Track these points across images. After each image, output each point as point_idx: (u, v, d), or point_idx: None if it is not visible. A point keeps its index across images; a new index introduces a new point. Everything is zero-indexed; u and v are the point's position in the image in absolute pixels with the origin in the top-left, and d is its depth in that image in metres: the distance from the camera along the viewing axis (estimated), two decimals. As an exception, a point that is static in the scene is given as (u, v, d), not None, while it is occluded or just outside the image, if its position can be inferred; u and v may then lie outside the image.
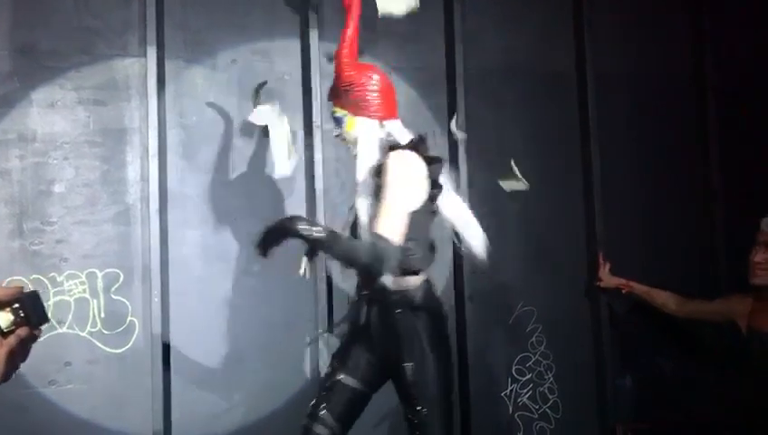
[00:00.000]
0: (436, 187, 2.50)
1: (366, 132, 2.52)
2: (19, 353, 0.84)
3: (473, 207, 3.58)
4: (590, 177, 3.89)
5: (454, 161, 3.66)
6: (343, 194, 3.51)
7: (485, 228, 3.65)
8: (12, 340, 0.83)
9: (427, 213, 2.51)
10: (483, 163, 3.75)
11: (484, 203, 3.71)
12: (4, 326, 0.82)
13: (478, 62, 3.81)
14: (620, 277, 3.73)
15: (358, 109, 2.53)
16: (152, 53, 3.29)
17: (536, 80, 3.92)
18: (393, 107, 2.60)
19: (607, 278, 3.75)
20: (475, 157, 3.72)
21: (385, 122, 2.55)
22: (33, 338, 0.86)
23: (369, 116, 2.53)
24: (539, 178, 3.82)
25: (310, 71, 3.51)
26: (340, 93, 2.57)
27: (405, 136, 2.55)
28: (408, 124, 3.66)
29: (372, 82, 2.55)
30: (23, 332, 0.84)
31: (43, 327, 3.18)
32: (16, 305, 0.81)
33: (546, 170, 3.86)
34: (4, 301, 0.83)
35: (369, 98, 2.53)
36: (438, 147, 3.70)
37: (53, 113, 3.27)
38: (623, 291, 3.72)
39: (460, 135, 3.38)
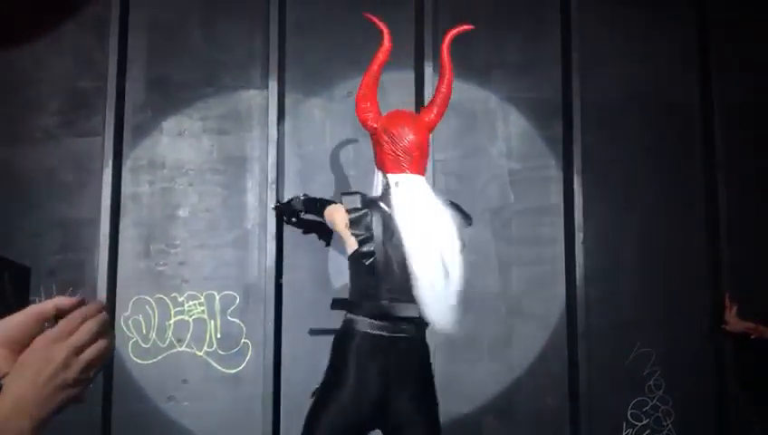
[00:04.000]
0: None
1: None
2: None
3: (588, 239, 3.51)
4: (715, 211, 3.67)
5: (569, 194, 3.57)
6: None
7: (601, 264, 3.57)
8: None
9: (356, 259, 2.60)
10: (600, 196, 3.63)
11: (601, 237, 3.59)
12: None
13: (595, 93, 3.71)
14: (749, 321, 3.48)
15: None
16: (273, 85, 3.44)
17: (657, 110, 3.77)
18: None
19: (734, 321, 3.50)
20: (592, 189, 3.61)
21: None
22: None
23: None
24: (659, 211, 3.67)
25: (423, 102, 3.53)
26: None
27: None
28: (521, 156, 3.65)
29: None
30: None
31: (164, 345, 3.32)
32: None
33: (667, 203, 3.69)
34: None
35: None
36: (553, 180, 3.64)
37: (181, 141, 3.46)
38: (752, 336, 3.47)
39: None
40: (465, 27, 2.95)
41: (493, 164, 3.63)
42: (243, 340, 3.33)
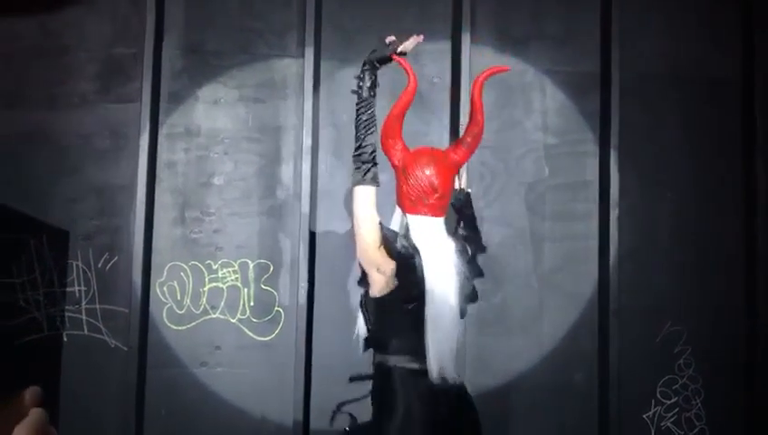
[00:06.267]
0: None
1: None
2: None
3: (623, 216, 3.48)
4: (753, 190, 3.62)
5: (605, 170, 3.53)
6: (487, 197, 3.48)
7: (635, 241, 3.54)
8: None
9: None
10: (636, 172, 3.59)
11: (636, 214, 3.56)
12: None
13: (635, 67, 3.64)
14: None
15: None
16: (310, 54, 3.41)
17: (697, 86, 3.70)
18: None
19: None
20: (629, 166, 3.56)
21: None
22: None
23: None
24: (696, 189, 3.62)
25: (459, 74, 3.50)
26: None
27: None
28: (557, 130, 3.61)
29: None
30: None
31: (198, 311, 3.33)
32: None
33: (704, 182, 3.64)
34: None
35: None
36: (590, 155, 3.60)
37: (217, 110, 3.46)
38: None
39: None
40: (501, 68, 2.63)
41: (528, 138, 3.59)
42: (276, 308, 3.36)
